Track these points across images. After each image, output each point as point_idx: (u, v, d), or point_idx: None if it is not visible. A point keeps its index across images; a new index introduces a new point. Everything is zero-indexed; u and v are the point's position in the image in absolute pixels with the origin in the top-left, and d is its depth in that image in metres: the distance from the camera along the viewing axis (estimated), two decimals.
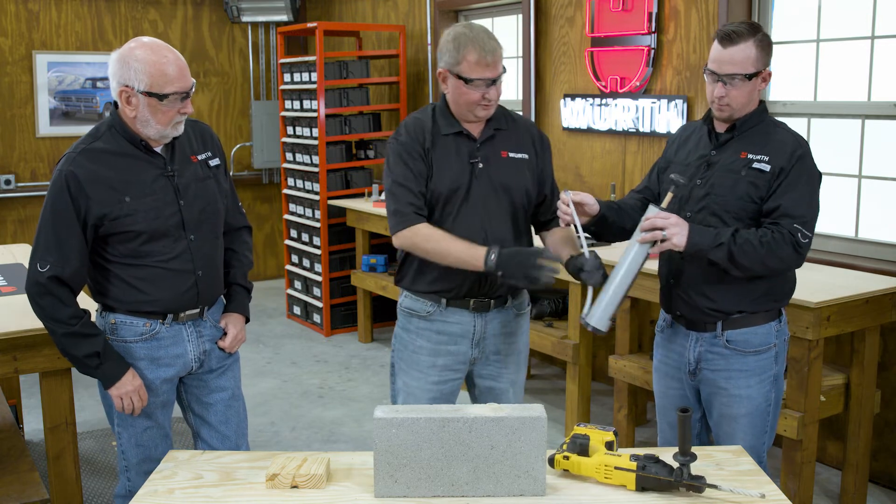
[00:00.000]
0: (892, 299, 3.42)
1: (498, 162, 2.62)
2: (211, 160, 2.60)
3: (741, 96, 2.46)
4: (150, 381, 2.52)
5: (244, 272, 2.76)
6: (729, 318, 2.54)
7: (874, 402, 3.53)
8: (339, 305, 6.33)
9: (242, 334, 2.70)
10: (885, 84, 3.77)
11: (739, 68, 2.43)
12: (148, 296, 2.47)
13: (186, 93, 2.39)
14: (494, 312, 2.67)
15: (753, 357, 2.55)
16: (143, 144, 2.44)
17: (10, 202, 6.83)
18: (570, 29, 5.03)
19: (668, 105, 4.45)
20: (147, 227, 2.42)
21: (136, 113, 2.38)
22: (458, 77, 2.51)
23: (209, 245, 2.57)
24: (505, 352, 2.73)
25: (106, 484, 3.84)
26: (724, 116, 2.52)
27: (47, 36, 6.85)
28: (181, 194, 2.48)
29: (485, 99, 2.52)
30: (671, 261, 2.62)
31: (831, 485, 3.82)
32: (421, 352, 2.68)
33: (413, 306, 2.69)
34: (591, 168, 5.00)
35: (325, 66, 6.01)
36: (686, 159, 2.63)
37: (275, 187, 7.86)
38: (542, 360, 5.59)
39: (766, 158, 2.46)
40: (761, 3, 4.15)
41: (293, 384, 5.25)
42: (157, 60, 2.34)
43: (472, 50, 2.47)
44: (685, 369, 2.66)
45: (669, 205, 2.45)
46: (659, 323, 2.77)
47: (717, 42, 2.47)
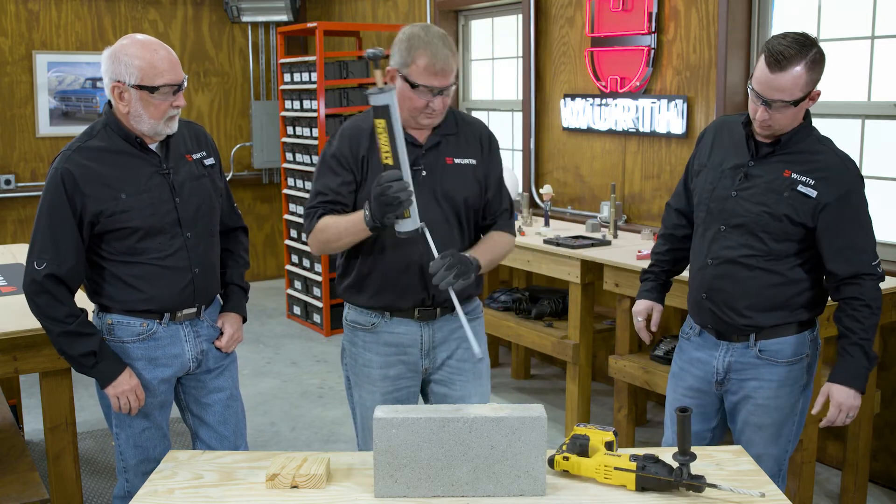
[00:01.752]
0: (892, 299, 3.42)
1: (442, 169, 2.48)
2: (206, 159, 2.60)
3: (785, 119, 2.36)
4: (148, 382, 2.51)
5: (241, 272, 2.76)
6: (763, 330, 2.48)
7: (874, 402, 3.53)
8: (339, 305, 6.32)
9: (239, 334, 2.69)
10: (885, 84, 3.77)
11: (787, 95, 2.30)
12: (144, 294, 2.46)
13: (178, 86, 2.39)
14: (442, 320, 2.55)
15: (786, 367, 2.49)
16: (137, 142, 2.44)
17: (10, 202, 6.84)
18: (570, 29, 5.03)
19: (668, 105, 4.45)
20: (143, 223, 2.42)
21: (129, 108, 2.38)
22: (405, 80, 2.37)
23: (205, 243, 2.57)
24: (458, 357, 2.59)
25: (106, 484, 3.84)
26: (766, 135, 2.43)
27: (47, 36, 6.85)
28: (177, 192, 2.48)
29: (429, 107, 2.39)
30: (704, 275, 2.55)
31: (831, 485, 3.82)
32: (371, 364, 2.57)
33: (358, 319, 2.58)
34: (591, 168, 5.00)
35: (325, 66, 6.01)
36: (721, 164, 2.52)
37: (275, 187, 7.86)
38: (542, 360, 5.59)
39: (812, 182, 2.38)
40: (761, 3, 4.15)
41: (293, 384, 5.25)
42: (148, 54, 2.35)
43: (422, 54, 2.34)
44: (712, 378, 2.58)
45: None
46: (685, 329, 2.69)
47: (765, 63, 2.31)
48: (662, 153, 4.57)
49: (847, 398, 2.36)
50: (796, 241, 2.42)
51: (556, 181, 5.22)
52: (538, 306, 4.59)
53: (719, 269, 2.49)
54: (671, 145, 4.52)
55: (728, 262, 2.48)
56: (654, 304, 2.76)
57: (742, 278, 2.45)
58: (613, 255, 3.98)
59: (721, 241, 2.49)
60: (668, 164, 4.54)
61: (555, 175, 5.24)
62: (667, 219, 2.80)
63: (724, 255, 2.49)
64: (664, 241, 2.79)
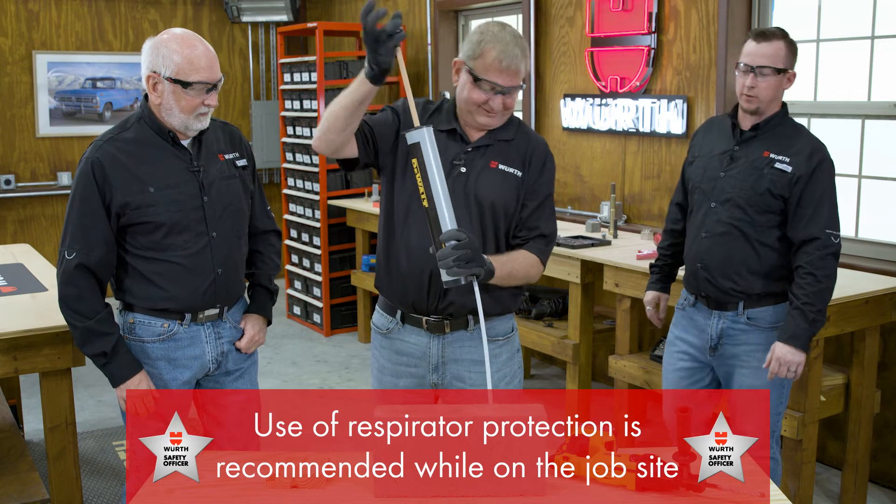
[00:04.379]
0: (892, 299, 3.42)
1: (482, 171, 2.36)
2: (238, 160, 2.59)
3: (769, 89, 2.70)
4: (167, 383, 2.50)
5: (269, 275, 2.73)
6: (750, 298, 2.78)
7: (874, 402, 3.53)
8: (339, 305, 6.33)
9: (260, 336, 2.66)
10: (885, 84, 3.77)
11: (771, 62, 2.68)
12: (166, 292, 2.45)
13: (213, 84, 2.40)
14: (453, 335, 2.40)
15: (772, 332, 2.77)
16: (170, 136, 2.44)
17: (10, 202, 6.83)
18: (570, 29, 5.03)
19: (668, 105, 4.45)
20: (169, 218, 2.41)
21: (161, 100, 2.39)
22: (470, 72, 2.27)
23: (231, 244, 2.54)
24: (472, 382, 2.43)
25: (106, 484, 3.84)
26: (752, 108, 2.74)
27: (47, 36, 6.85)
28: (205, 190, 2.47)
29: (488, 104, 2.29)
30: (699, 247, 2.84)
31: (831, 485, 3.82)
32: (385, 371, 2.51)
33: (377, 321, 2.52)
34: (591, 168, 5.00)
35: (325, 66, 6.01)
36: (711, 152, 2.86)
37: (275, 187, 7.86)
38: (542, 360, 5.59)
39: (788, 160, 2.70)
40: (761, 3, 4.15)
41: (293, 384, 5.25)
42: (187, 50, 2.36)
43: (492, 49, 2.24)
44: (706, 345, 2.87)
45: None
46: (680, 302, 2.99)
47: (752, 39, 2.73)
48: (662, 153, 4.57)
49: (785, 354, 2.68)
50: (776, 213, 2.73)
51: (556, 181, 5.20)
52: (538, 306, 4.59)
53: (712, 240, 2.80)
54: (671, 145, 4.52)
55: (719, 234, 2.79)
56: (661, 294, 3.13)
57: (732, 247, 2.77)
58: (613, 255, 3.98)
59: (712, 216, 2.81)
60: (668, 164, 4.54)
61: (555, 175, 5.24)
62: (669, 215, 3.12)
63: (715, 229, 2.80)
64: (666, 237, 3.12)
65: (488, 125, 2.36)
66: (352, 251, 6.30)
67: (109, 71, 7.06)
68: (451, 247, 2.14)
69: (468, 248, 2.14)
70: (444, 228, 2.16)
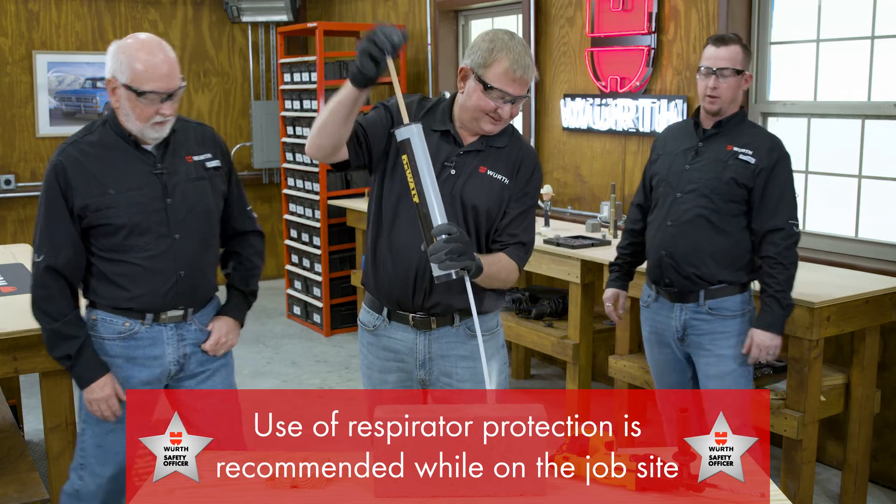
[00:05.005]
0: (892, 299, 3.42)
1: (471, 174, 2.37)
2: (209, 162, 2.57)
3: (729, 90, 2.89)
4: (124, 380, 2.49)
5: (245, 277, 2.72)
6: (710, 289, 2.94)
7: (874, 402, 3.53)
8: (339, 305, 6.33)
9: (230, 338, 2.63)
10: (885, 84, 3.77)
11: (730, 63, 2.88)
12: (128, 292, 2.46)
13: (168, 94, 2.37)
14: (440, 331, 2.43)
15: (732, 321, 2.94)
16: (132, 139, 2.45)
17: (10, 202, 6.83)
18: (570, 29, 5.03)
19: (668, 105, 4.45)
20: (129, 220, 2.41)
21: (119, 105, 2.41)
22: (479, 80, 2.28)
23: (196, 246, 2.53)
24: (459, 377, 2.45)
25: None
26: (714, 109, 2.91)
27: (47, 36, 6.85)
28: (169, 192, 2.47)
29: (496, 112, 2.30)
30: (664, 235, 2.99)
31: (831, 485, 3.82)
32: (373, 368, 2.53)
33: (364, 318, 2.53)
34: (591, 168, 5.00)
35: (325, 66, 6.01)
36: (675, 149, 3.03)
37: (275, 187, 7.85)
38: (542, 360, 5.59)
39: (750, 152, 2.88)
40: (761, 3, 4.15)
41: (293, 384, 5.25)
42: (144, 57, 2.35)
43: (504, 58, 2.25)
44: (673, 336, 3.04)
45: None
46: (643, 298, 3.16)
47: (711, 45, 2.93)
48: None
49: (764, 340, 2.87)
50: (740, 202, 2.90)
51: (556, 181, 5.22)
52: (538, 306, 4.59)
53: (678, 228, 2.95)
54: None
55: (685, 222, 2.94)
56: (620, 291, 3.28)
57: (697, 235, 2.92)
58: (613, 255, 3.97)
59: (678, 206, 2.96)
60: None
61: (555, 175, 5.24)
62: (629, 216, 3.27)
63: (681, 217, 2.95)
64: (626, 236, 3.28)
65: (492, 132, 2.37)
66: (352, 251, 6.30)
67: None
68: (442, 240, 2.13)
69: (459, 241, 2.14)
70: (435, 223, 2.16)
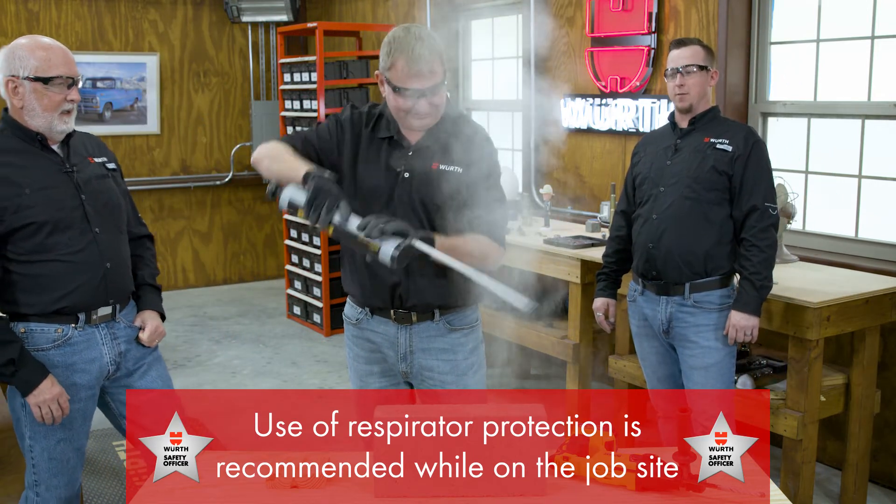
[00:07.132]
0: (892, 299, 3.42)
1: (426, 174, 2.38)
2: (108, 164, 2.63)
3: (696, 85, 3.03)
4: (68, 389, 2.46)
5: (152, 273, 2.75)
6: (694, 283, 3.02)
7: (874, 402, 3.53)
8: (339, 305, 6.32)
9: (161, 329, 2.67)
10: (885, 84, 3.77)
11: (693, 60, 3.02)
12: (56, 293, 2.44)
13: (73, 80, 2.44)
14: (420, 326, 2.47)
15: (716, 313, 3.02)
16: (38, 140, 2.46)
17: None
18: (570, 29, 5.03)
19: (668, 105, 4.45)
20: (50, 217, 2.41)
21: (24, 102, 2.42)
22: (388, 83, 2.33)
23: (115, 239, 2.56)
24: (440, 370, 2.50)
25: (106, 484, 3.84)
26: (685, 105, 3.05)
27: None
28: (82, 189, 2.49)
29: (414, 110, 2.33)
30: (650, 228, 3.07)
31: (831, 485, 3.83)
32: (359, 360, 2.58)
33: (348, 312, 2.58)
34: (591, 168, 5.00)
35: (325, 66, 6.01)
36: (656, 149, 3.15)
37: None
38: (542, 360, 5.58)
39: (727, 141, 3.00)
40: (761, 3, 4.15)
41: (293, 384, 5.25)
42: (42, 46, 2.42)
43: (400, 57, 2.28)
44: (659, 329, 3.12)
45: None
46: (630, 294, 3.22)
47: (673, 48, 3.09)
48: None
49: (740, 320, 2.95)
50: (721, 190, 2.99)
51: (556, 181, 5.22)
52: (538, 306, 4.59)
53: (662, 219, 3.04)
54: None
55: (670, 214, 3.03)
56: (609, 300, 3.32)
57: (682, 225, 3.01)
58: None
59: (662, 200, 3.06)
60: None
61: (555, 175, 5.24)
62: (613, 223, 3.33)
63: (666, 210, 3.04)
64: (611, 244, 3.32)
65: (424, 126, 2.40)
66: None
67: (109, 71, 7.05)
68: (368, 223, 2.15)
69: (377, 220, 2.16)
70: (353, 228, 2.18)
